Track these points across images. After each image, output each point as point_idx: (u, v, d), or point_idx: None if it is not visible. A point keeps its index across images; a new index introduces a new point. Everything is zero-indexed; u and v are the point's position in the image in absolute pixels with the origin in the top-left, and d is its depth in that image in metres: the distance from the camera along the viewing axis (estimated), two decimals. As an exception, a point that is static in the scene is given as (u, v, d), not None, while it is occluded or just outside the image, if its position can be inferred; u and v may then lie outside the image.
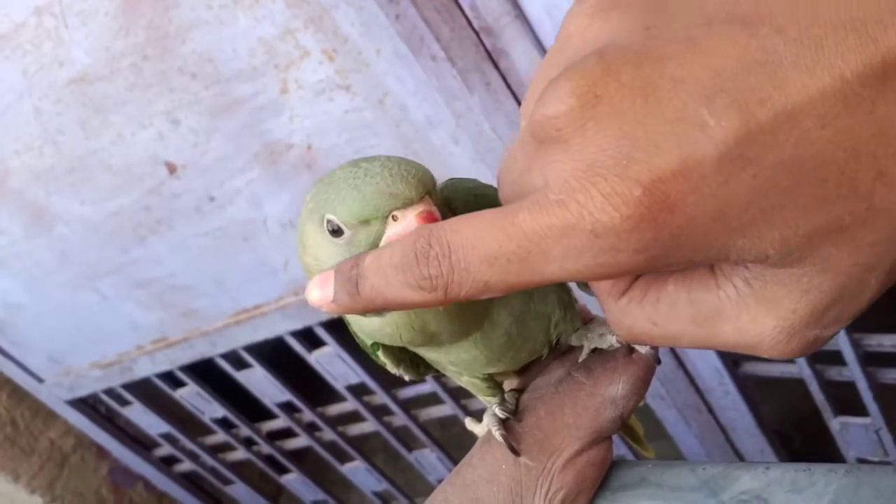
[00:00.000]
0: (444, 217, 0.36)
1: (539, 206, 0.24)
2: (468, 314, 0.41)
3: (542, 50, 0.86)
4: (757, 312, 0.24)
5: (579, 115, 0.23)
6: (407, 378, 0.50)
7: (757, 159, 0.21)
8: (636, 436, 0.58)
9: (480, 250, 0.26)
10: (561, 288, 0.50)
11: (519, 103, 0.91)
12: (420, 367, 0.50)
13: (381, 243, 0.36)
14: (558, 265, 0.24)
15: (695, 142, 0.22)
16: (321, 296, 0.32)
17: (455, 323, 0.41)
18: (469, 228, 0.26)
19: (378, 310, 0.31)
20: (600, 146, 0.23)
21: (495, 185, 0.35)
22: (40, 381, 1.61)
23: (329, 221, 0.37)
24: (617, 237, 0.23)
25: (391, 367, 0.48)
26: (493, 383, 0.52)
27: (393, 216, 0.36)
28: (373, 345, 0.46)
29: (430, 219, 0.35)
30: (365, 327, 0.42)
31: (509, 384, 0.55)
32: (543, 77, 0.26)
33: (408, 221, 0.36)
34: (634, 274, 0.25)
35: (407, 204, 0.36)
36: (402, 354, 0.48)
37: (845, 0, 0.21)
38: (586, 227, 0.23)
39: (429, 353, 0.46)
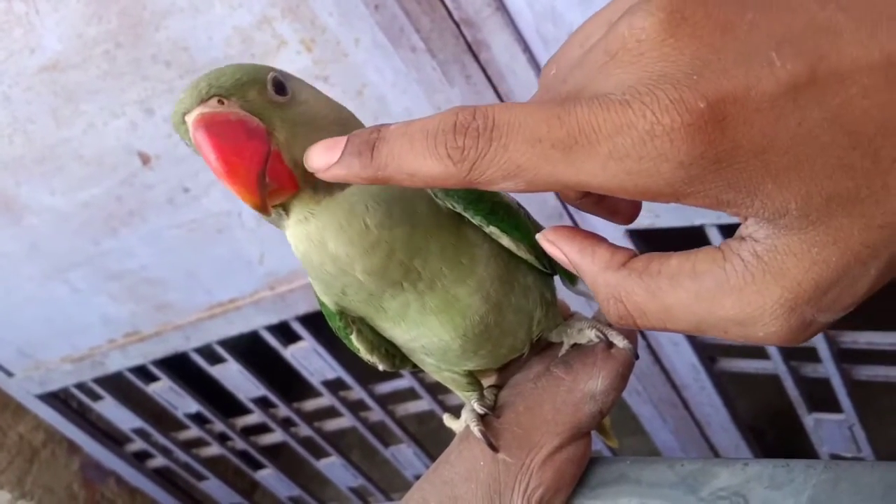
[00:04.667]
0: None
1: (599, 102, 0.25)
2: (394, 253, 0.41)
3: (523, 42, 0.85)
4: (763, 282, 0.26)
5: (663, 29, 0.25)
6: (381, 367, 0.49)
7: (805, 108, 0.23)
8: (602, 426, 0.58)
9: (526, 130, 0.26)
10: (543, 285, 0.49)
11: (499, 96, 0.90)
12: (395, 358, 0.49)
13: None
14: (600, 164, 0.25)
15: (760, 75, 0.24)
16: (324, 160, 0.31)
17: (376, 242, 0.40)
18: (520, 109, 0.27)
19: (383, 182, 0.30)
20: (675, 61, 0.25)
21: None
22: (10, 374, 1.59)
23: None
24: (670, 143, 0.24)
25: (365, 354, 0.48)
26: (473, 379, 0.51)
27: (185, 119, 0.37)
28: (346, 329, 0.45)
29: (202, 122, 0.36)
30: (306, 254, 0.41)
31: (488, 381, 0.55)
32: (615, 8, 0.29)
33: (191, 125, 0.36)
34: (663, 198, 0.26)
35: (187, 110, 0.37)
36: (376, 340, 0.47)
37: None
38: (645, 126, 0.24)
39: (396, 332, 0.45)
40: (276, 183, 0.37)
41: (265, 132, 0.37)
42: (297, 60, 0.96)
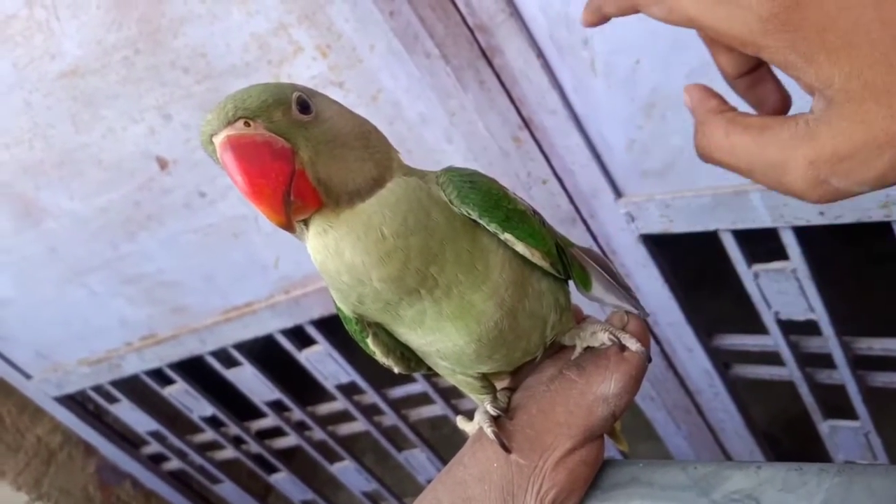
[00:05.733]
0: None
1: None
2: (409, 261, 0.41)
3: (537, 48, 0.85)
4: (801, 140, 0.33)
5: None
6: (396, 370, 0.50)
7: (866, 7, 0.30)
8: (612, 430, 0.58)
9: None
10: (558, 291, 0.49)
11: (513, 101, 0.90)
12: (411, 361, 0.50)
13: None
14: (712, 4, 0.33)
15: None
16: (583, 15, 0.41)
17: (392, 247, 0.41)
18: None
19: (598, 12, 0.39)
20: None
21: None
22: (28, 377, 1.60)
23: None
24: None
25: (380, 357, 0.48)
26: (487, 382, 0.52)
27: (213, 140, 0.39)
28: (362, 332, 0.46)
29: (228, 144, 0.37)
30: (324, 264, 0.42)
31: (501, 383, 0.55)
32: None
33: (218, 147, 0.38)
34: (747, 46, 0.33)
35: (214, 131, 0.38)
36: (391, 344, 0.48)
37: None
38: None
39: (412, 337, 0.46)
40: (300, 201, 0.38)
41: (290, 152, 0.38)
42: (313, 66, 0.97)
